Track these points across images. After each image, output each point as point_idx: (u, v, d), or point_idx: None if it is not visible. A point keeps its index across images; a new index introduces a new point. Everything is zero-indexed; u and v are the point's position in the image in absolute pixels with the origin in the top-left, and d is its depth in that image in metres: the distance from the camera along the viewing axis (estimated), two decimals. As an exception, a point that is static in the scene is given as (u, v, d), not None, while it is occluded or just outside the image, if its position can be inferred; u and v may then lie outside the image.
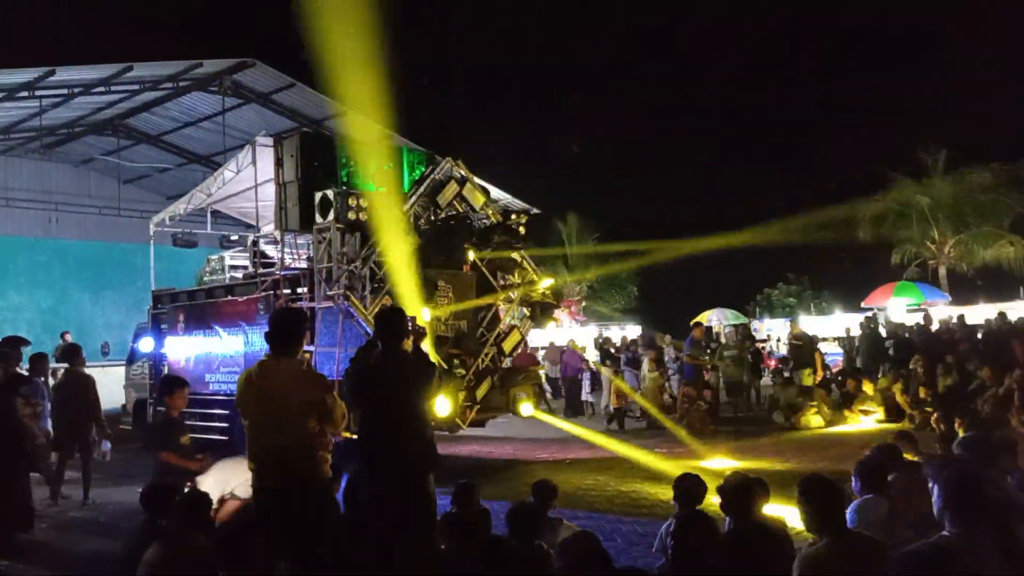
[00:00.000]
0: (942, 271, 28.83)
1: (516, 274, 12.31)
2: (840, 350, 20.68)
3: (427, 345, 7.70)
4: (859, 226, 29.54)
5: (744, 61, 57.50)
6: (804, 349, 16.60)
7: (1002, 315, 16.73)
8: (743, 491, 4.64)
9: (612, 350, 19.93)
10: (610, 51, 58.34)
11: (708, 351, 17.11)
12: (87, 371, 10.85)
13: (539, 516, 5.05)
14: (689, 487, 5.09)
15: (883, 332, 18.14)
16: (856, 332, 19.52)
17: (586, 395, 19.06)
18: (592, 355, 21.38)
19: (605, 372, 17.90)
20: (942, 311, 20.35)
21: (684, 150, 50.60)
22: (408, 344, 5.17)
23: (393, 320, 5.22)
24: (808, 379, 15.96)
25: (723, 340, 18.82)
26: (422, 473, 5.00)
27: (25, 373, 9.06)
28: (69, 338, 17.82)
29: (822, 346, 20.07)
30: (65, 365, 11.09)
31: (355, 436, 5.62)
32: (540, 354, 21.88)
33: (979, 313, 19.89)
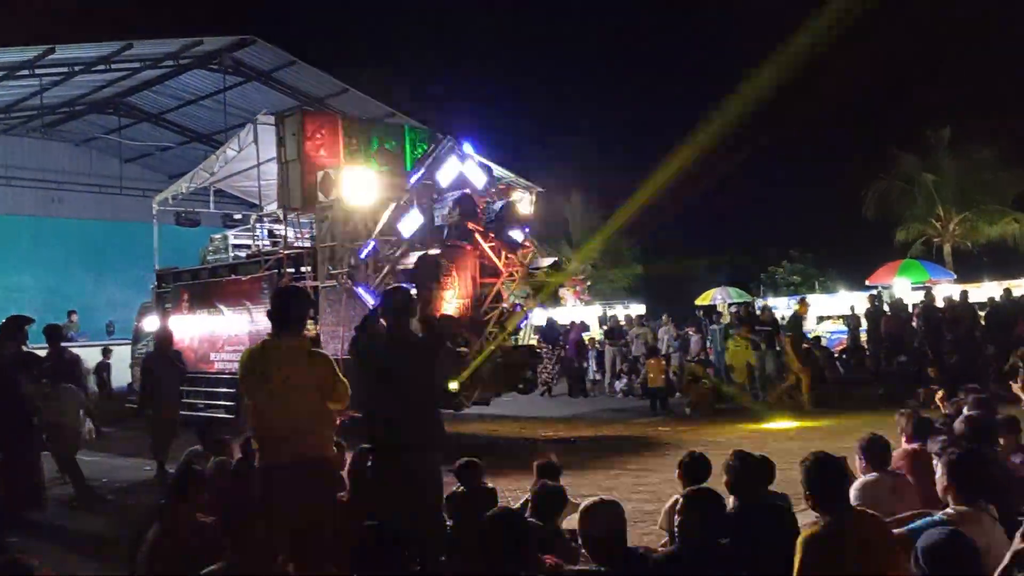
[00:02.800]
0: (947, 249, 28.77)
1: (519, 253, 12.30)
2: (845, 328, 20.64)
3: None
4: (865, 203, 29.48)
5: (749, 36, 57.05)
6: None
7: (1007, 292, 16.68)
8: (747, 469, 4.64)
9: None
10: (616, 25, 57.89)
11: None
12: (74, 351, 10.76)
13: (564, 497, 5.06)
14: (694, 466, 5.10)
15: (887, 310, 18.09)
16: (860, 310, 19.48)
17: (593, 374, 19.09)
18: (597, 334, 21.42)
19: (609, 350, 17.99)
20: (947, 289, 20.29)
21: (688, 128, 50.30)
22: (418, 324, 5.15)
23: (398, 299, 5.20)
24: None
25: (725, 319, 18.80)
26: (429, 452, 5.00)
27: (37, 352, 9.00)
28: (75, 318, 17.87)
29: (827, 324, 20.12)
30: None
31: (358, 415, 5.63)
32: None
33: (984, 291, 19.83)
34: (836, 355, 17.74)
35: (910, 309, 17.71)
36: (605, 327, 20.48)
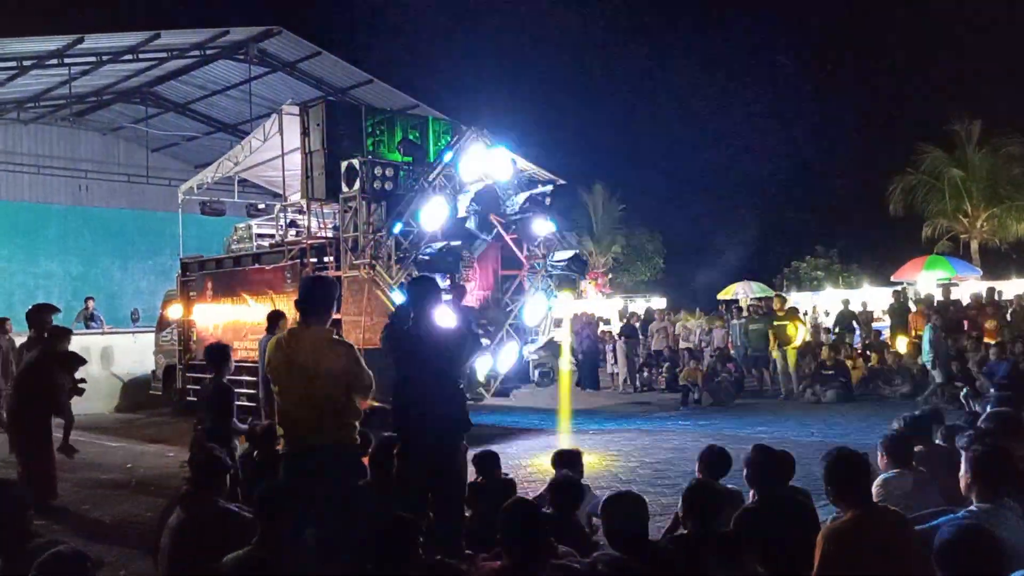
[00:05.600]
0: (974, 245, 28.43)
1: (541, 244, 12.30)
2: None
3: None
4: (890, 199, 29.22)
5: (776, 27, 56.58)
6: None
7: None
8: (768, 463, 4.62)
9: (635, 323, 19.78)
10: (637, 15, 57.64)
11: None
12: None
13: (582, 488, 5.08)
14: (713, 459, 5.09)
15: (912, 307, 17.92)
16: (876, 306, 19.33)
17: (612, 367, 19.02)
18: (617, 327, 21.35)
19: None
20: (973, 285, 20.05)
21: (714, 120, 50.07)
22: (442, 309, 5.17)
23: (425, 287, 5.21)
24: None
25: (747, 313, 18.65)
26: (454, 440, 5.02)
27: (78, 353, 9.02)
28: (92, 304, 18.09)
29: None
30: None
31: (378, 404, 5.65)
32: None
33: (1012, 288, 19.59)
34: (859, 351, 17.60)
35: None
36: (622, 322, 20.41)
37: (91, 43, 17.52)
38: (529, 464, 9.47)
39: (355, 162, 11.01)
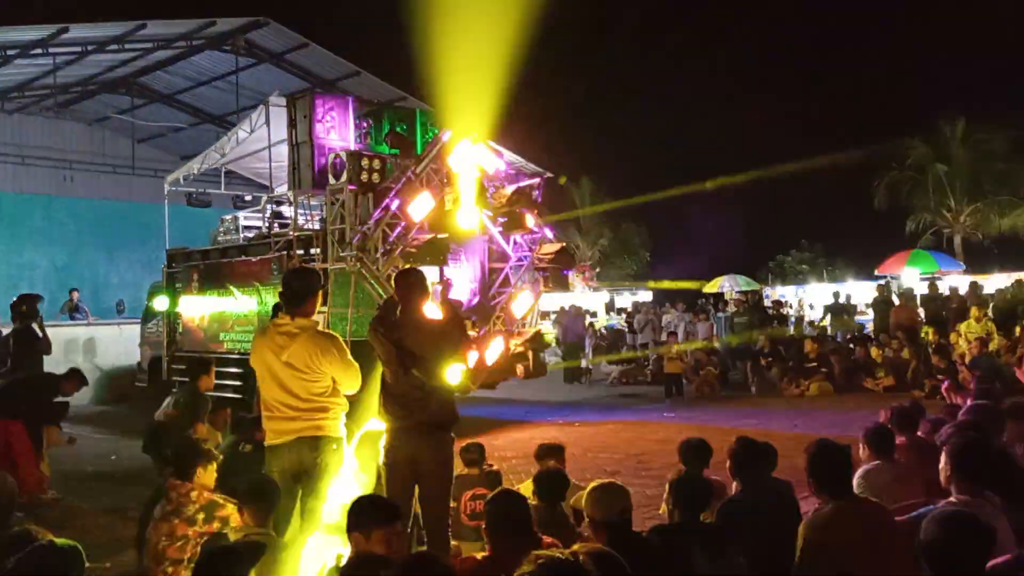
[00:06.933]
0: (957, 239, 28.67)
1: (528, 238, 12.31)
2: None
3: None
4: (875, 193, 29.39)
5: (760, 22, 56.67)
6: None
7: (1019, 283, 16.60)
8: (751, 455, 4.67)
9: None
10: (622, 9, 57.60)
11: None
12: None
13: (566, 480, 5.11)
14: (694, 451, 5.14)
15: (895, 300, 18.06)
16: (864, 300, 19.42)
17: (585, 362, 19.01)
18: (603, 320, 21.41)
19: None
20: (956, 280, 20.21)
21: (697, 115, 50.11)
22: (430, 302, 5.17)
23: (413, 280, 5.20)
24: None
25: (732, 307, 18.74)
26: (441, 432, 5.02)
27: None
28: (77, 295, 18.02)
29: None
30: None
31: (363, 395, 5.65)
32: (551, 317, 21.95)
33: (994, 282, 19.75)
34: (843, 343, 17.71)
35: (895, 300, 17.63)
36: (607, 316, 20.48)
37: (76, 33, 17.37)
38: (515, 456, 9.50)
39: (342, 153, 10.98)
